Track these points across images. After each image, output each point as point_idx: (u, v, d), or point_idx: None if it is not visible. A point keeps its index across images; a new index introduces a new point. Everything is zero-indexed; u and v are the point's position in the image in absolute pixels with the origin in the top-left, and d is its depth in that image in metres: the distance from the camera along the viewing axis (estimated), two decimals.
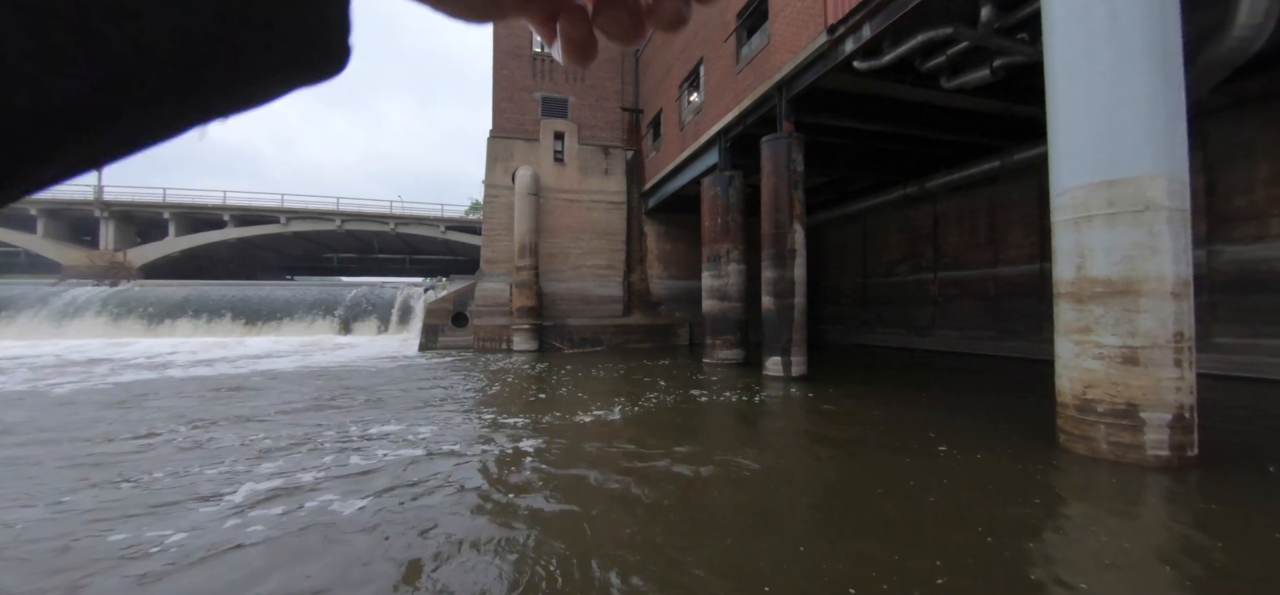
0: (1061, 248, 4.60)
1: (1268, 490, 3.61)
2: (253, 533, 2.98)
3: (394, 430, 5.46)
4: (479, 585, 2.44)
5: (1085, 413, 4.34)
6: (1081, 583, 2.48)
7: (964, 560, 2.65)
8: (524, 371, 10.87)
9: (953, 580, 2.45)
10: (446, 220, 32.76)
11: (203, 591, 2.42)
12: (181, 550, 2.79)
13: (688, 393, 8.03)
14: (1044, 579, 2.52)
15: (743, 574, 2.57)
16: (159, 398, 7.52)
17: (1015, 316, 12.84)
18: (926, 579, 2.47)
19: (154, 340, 18.97)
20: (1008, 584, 2.45)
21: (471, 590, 2.40)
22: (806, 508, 3.49)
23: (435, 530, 3.04)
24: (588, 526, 3.11)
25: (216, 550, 2.78)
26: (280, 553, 2.76)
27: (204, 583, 2.48)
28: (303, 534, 2.97)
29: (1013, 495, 3.58)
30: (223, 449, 4.72)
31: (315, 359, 13.04)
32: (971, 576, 2.50)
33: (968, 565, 2.60)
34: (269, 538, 2.93)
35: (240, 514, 3.24)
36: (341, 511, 3.30)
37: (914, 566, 2.60)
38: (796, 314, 9.44)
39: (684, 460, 4.47)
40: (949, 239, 14.84)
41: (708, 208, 12.26)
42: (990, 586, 2.42)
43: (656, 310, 18.91)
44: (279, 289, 24.48)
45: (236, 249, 32.03)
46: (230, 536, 2.93)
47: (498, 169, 17.56)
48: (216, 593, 2.41)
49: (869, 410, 6.54)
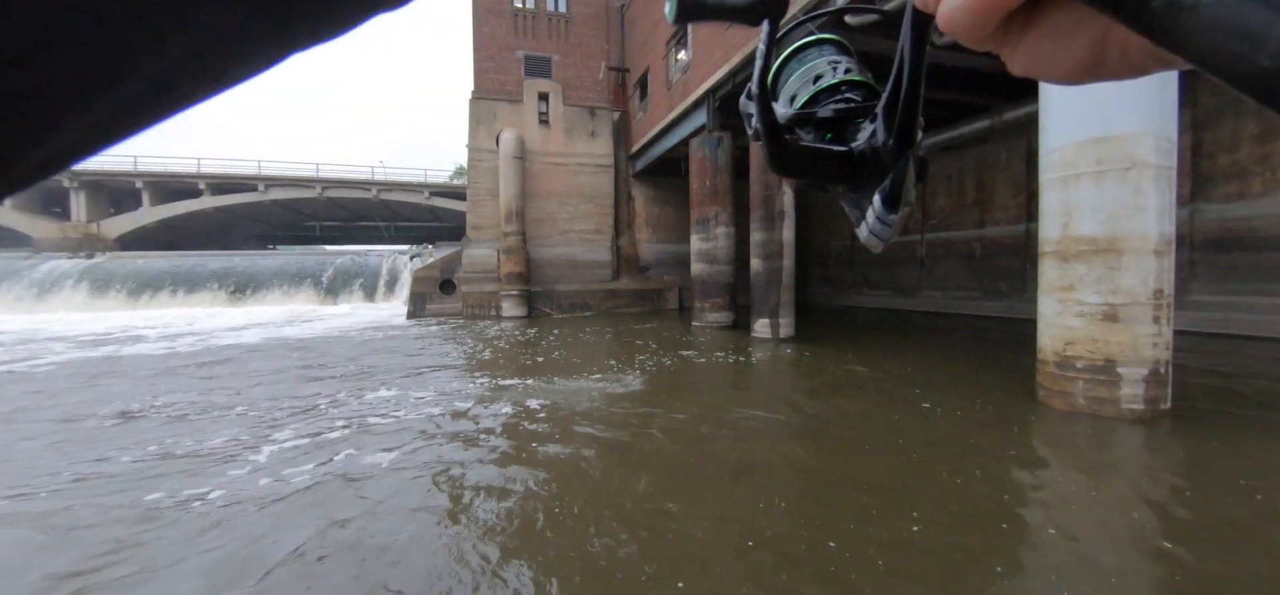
0: (1048, 206, 4.60)
1: (1233, 439, 3.74)
2: (286, 487, 3.18)
3: (398, 394, 5.52)
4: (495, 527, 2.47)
5: (1064, 369, 4.43)
6: (1050, 526, 2.57)
7: (942, 509, 2.72)
8: (515, 337, 10.85)
9: (927, 529, 2.52)
10: (430, 186, 32.11)
11: (254, 535, 2.63)
12: (226, 504, 2.99)
13: (678, 354, 8.07)
14: (1015, 523, 2.60)
15: (728, 521, 2.62)
16: (168, 372, 7.41)
17: (1000, 276, 12.99)
18: (903, 527, 2.54)
19: (136, 313, 18.62)
20: (982, 528, 2.53)
21: (485, 530, 2.43)
22: (791, 464, 3.55)
23: (449, 480, 3.13)
24: (591, 476, 3.14)
25: (256, 501, 2.95)
26: (314, 501, 3.00)
27: (253, 529, 2.70)
28: (330, 487, 3.19)
29: (991, 448, 3.67)
30: (239, 417, 4.70)
31: (303, 329, 12.89)
32: (947, 525, 2.57)
33: (945, 513, 2.67)
34: (303, 489, 3.15)
35: (272, 473, 3.42)
36: (364, 465, 3.53)
37: (893, 516, 2.66)
38: (785, 276, 9.46)
39: (673, 418, 4.51)
40: (937, 200, 14.85)
41: (696, 170, 12.10)
42: (965, 532, 2.50)
43: (645, 274, 18.87)
44: (261, 258, 24.03)
45: (214, 219, 31.23)
46: (268, 491, 3.14)
47: (481, 132, 17.12)
48: (262, 536, 2.61)
49: (855, 370, 6.64)
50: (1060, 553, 2.38)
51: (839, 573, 2.22)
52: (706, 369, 7.07)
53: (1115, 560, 2.29)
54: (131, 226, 27.44)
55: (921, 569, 2.25)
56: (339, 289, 21.16)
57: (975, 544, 2.44)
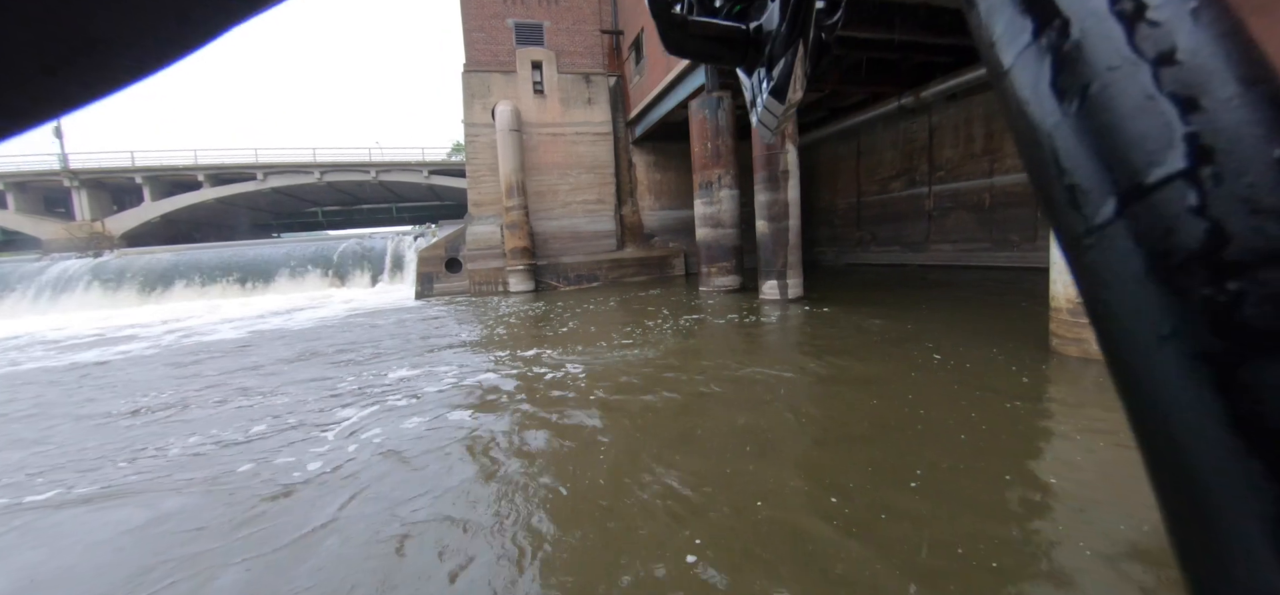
0: None
1: None
2: (364, 454, 3.59)
3: (428, 371, 5.67)
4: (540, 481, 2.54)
5: (1078, 316, 4.39)
6: (1058, 473, 2.58)
7: (951, 460, 2.74)
8: (525, 312, 10.89)
9: (929, 478, 2.54)
10: (429, 164, 31.83)
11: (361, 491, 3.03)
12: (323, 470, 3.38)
13: (687, 320, 8.08)
14: (1025, 472, 2.62)
15: (737, 480, 2.67)
16: (209, 361, 7.53)
17: (1010, 226, 12.81)
18: (902, 480, 2.57)
19: (150, 308, 18.84)
20: (990, 477, 2.55)
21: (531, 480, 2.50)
22: (801, 421, 3.58)
23: (475, 439, 3.22)
24: (620, 433, 3.20)
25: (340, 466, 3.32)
26: (387, 465, 3.40)
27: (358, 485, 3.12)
28: (403, 451, 3.52)
29: (1005, 396, 3.68)
30: (297, 401, 4.80)
31: (316, 313, 13.01)
32: (954, 475, 2.59)
33: (953, 466, 2.69)
34: (380, 453, 3.55)
35: (353, 440, 3.86)
36: (429, 431, 3.86)
37: (897, 467, 2.70)
38: (791, 236, 9.37)
39: (688, 380, 4.54)
40: (944, 151, 14.54)
41: (697, 133, 11.88)
42: (972, 483, 2.52)
43: (650, 242, 18.77)
44: (268, 247, 24.10)
45: (216, 210, 31.25)
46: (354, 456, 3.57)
47: (476, 106, 16.84)
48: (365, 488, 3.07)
49: (865, 327, 6.62)
50: (1069, 498, 2.39)
51: (843, 525, 2.25)
52: (717, 332, 7.09)
53: (1126, 505, 2.31)
54: (136, 222, 27.53)
55: (933, 526, 2.27)
56: (346, 273, 21.25)
57: (984, 495, 2.46)
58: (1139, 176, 0.16)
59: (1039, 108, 0.16)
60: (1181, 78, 0.16)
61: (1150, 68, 0.16)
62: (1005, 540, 2.14)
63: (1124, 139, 0.16)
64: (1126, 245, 0.16)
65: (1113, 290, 0.16)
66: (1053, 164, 0.17)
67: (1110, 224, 0.16)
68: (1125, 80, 0.16)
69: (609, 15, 18.08)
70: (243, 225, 36.24)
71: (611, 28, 18.06)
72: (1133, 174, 0.16)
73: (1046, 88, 0.16)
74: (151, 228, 28.12)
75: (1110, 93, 0.16)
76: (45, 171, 26.62)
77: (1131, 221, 0.16)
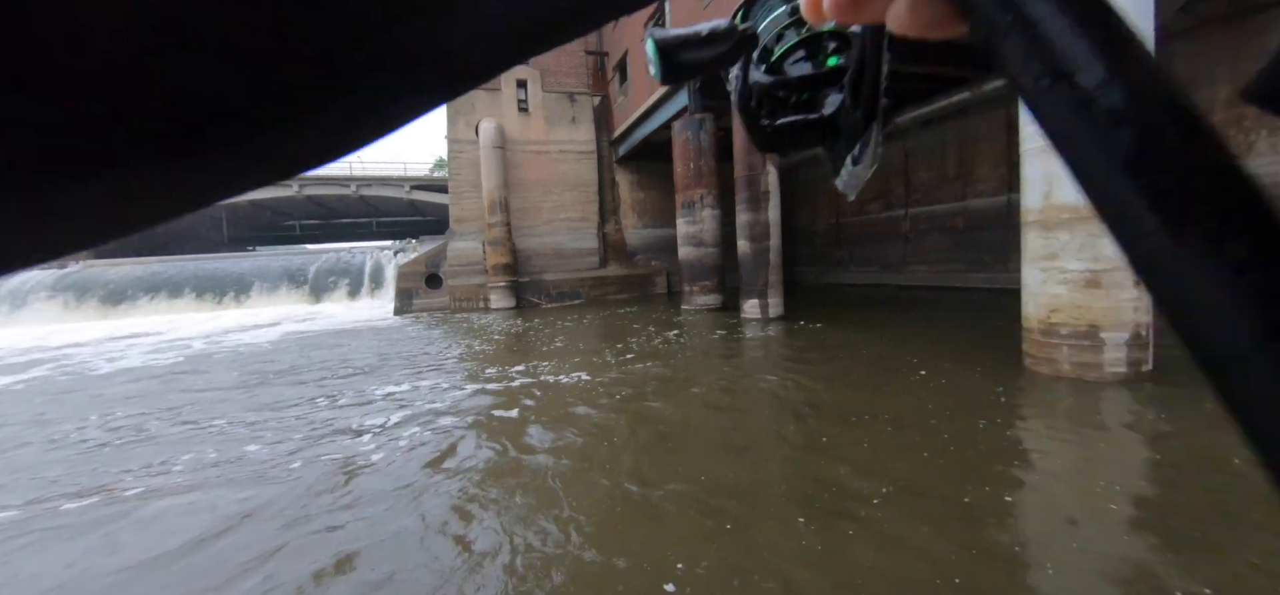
0: (1030, 176, 4.63)
1: (1212, 399, 3.83)
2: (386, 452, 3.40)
3: (409, 387, 5.42)
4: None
5: (1049, 336, 4.50)
6: (1032, 488, 2.61)
7: (923, 474, 2.76)
8: (507, 329, 10.77)
9: (897, 492, 2.55)
10: (411, 180, 31.59)
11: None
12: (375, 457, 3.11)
13: (669, 337, 8.07)
14: (998, 488, 2.64)
15: (714, 486, 2.63)
16: (122, 386, 7.24)
17: (984, 248, 13.15)
18: (871, 493, 2.57)
19: (113, 322, 18.17)
20: (958, 498, 2.56)
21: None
22: (778, 437, 3.57)
23: (460, 445, 3.08)
24: (604, 447, 3.14)
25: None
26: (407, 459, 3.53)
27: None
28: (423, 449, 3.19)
29: (979, 413, 3.73)
30: (292, 414, 4.61)
31: (287, 331, 12.68)
32: (922, 491, 2.60)
33: (926, 479, 2.71)
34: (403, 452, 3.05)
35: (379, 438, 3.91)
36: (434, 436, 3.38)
37: (868, 484, 2.70)
38: (772, 256, 9.48)
39: (668, 396, 4.51)
40: (920, 175, 14.94)
41: (679, 153, 12.02)
42: (941, 498, 2.53)
43: (633, 260, 18.81)
44: (242, 261, 23.54)
45: (189, 221, 30.48)
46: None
47: (459, 123, 16.83)
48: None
49: (844, 346, 6.69)
50: (1043, 513, 2.42)
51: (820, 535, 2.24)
52: (698, 350, 7.08)
53: (1097, 518, 2.34)
54: None
55: (908, 534, 2.27)
56: (322, 289, 20.83)
57: (954, 513, 2.48)
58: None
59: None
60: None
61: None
62: (977, 555, 2.15)
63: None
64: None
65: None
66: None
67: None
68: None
69: (594, 37, 18.30)
70: (217, 237, 35.37)
71: (597, 49, 18.28)
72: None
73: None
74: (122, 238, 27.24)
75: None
76: None
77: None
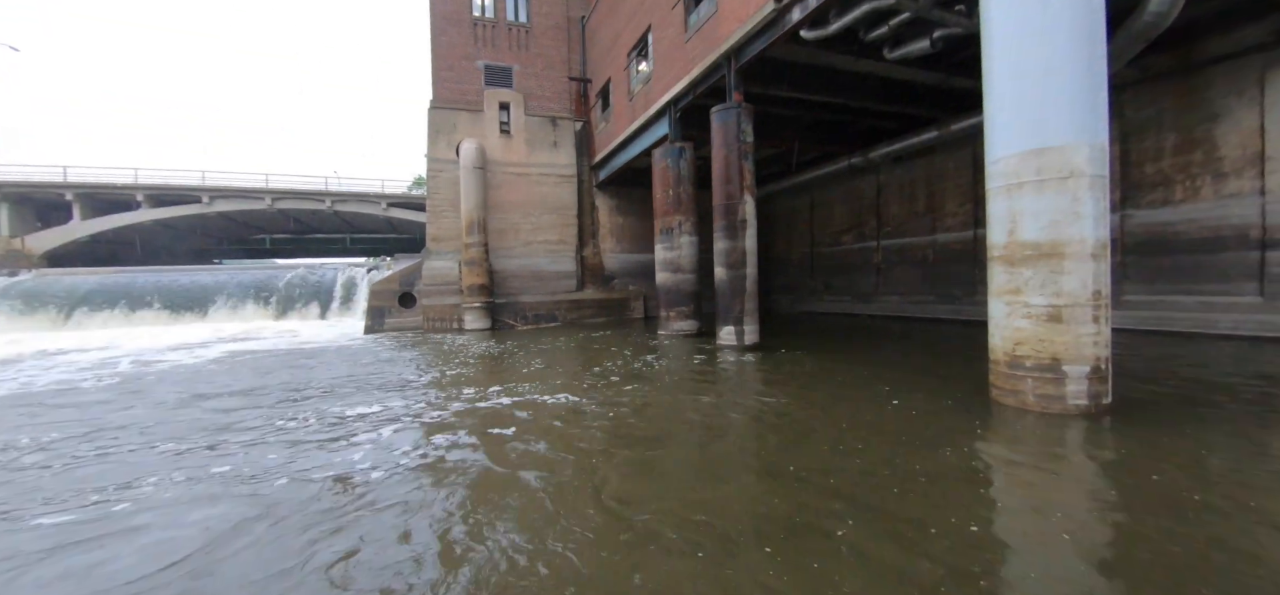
0: (995, 214, 4.80)
1: (1168, 432, 3.96)
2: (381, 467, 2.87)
3: (380, 408, 5.19)
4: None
5: (1015, 368, 4.61)
6: (996, 519, 2.63)
7: (893, 502, 2.75)
8: (481, 351, 10.56)
9: (858, 525, 2.54)
10: (388, 197, 31.21)
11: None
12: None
13: (644, 363, 8.02)
14: (958, 516, 2.65)
15: (689, 515, 2.57)
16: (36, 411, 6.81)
17: (952, 281, 13.54)
18: (840, 521, 2.55)
19: (67, 334, 17.22)
20: (933, 517, 2.56)
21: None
22: (753, 464, 3.54)
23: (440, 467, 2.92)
24: (588, 465, 3.04)
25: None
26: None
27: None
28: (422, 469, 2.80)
29: (947, 442, 3.76)
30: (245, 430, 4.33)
31: (251, 346, 12.20)
32: (885, 522, 2.59)
33: (896, 507, 2.70)
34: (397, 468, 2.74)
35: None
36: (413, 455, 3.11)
37: (833, 508, 2.68)
38: (748, 284, 9.57)
39: (644, 422, 4.44)
40: (891, 208, 15.39)
41: (659, 180, 12.15)
42: (911, 525, 2.52)
43: (610, 284, 18.79)
44: (205, 274, 22.70)
45: (153, 233, 29.43)
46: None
47: (440, 141, 16.75)
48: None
49: (818, 375, 6.74)
50: (1005, 543, 2.43)
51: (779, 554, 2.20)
52: (675, 376, 7.04)
53: (1058, 552, 2.36)
54: (61, 241, 25.59)
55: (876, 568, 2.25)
56: (290, 304, 20.19)
57: (922, 540, 2.47)
58: None
59: None
60: None
61: None
62: (946, 579, 2.13)
63: None
64: None
65: None
66: None
67: None
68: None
69: (578, 63, 18.56)
70: (182, 250, 34.17)
71: (580, 75, 18.51)
72: None
73: None
74: (79, 247, 26.15)
75: None
76: None
77: None
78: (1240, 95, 8.47)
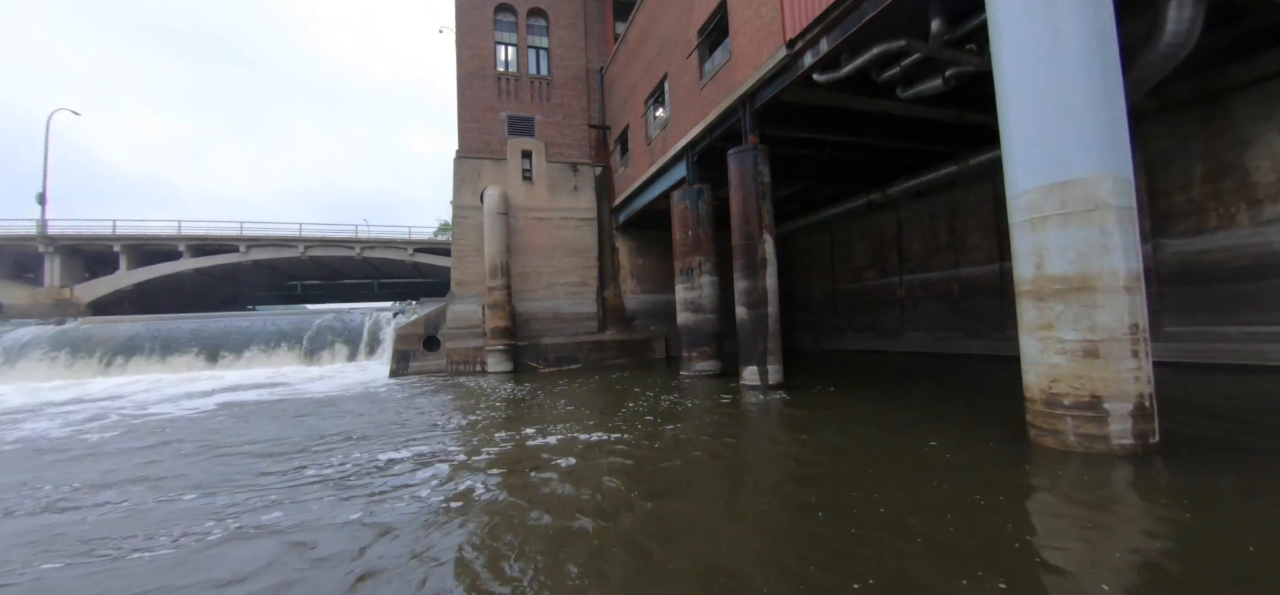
0: (1020, 248, 4.74)
1: (1225, 474, 3.75)
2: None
3: (412, 452, 5.27)
4: None
5: (1053, 407, 4.45)
6: (1050, 573, 2.51)
7: (929, 560, 2.65)
8: (504, 393, 10.62)
9: (893, 581, 2.44)
10: (414, 243, 32.14)
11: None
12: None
13: (668, 405, 7.96)
14: (1012, 575, 2.53)
15: (715, 560, 2.51)
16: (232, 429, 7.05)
17: (979, 316, 13.23)
18: (870, 572, 2.46)
19: (109, 379, 17.92)
20: (976, 578, 2.45)
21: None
22: (782, 510, 3.45)
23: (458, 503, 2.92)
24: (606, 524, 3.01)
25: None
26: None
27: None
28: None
29: (992, 493, 3.61)
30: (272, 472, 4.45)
31: (280, 393, 12.49)
32: (926, 581, 2.49)
33: (932, 566, 2.60)
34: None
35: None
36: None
37: (876, 561, 2.59)
38: (770, 323, 9.51)
39: (665, 470, 4.39)
40: (912, 243, 15.25)
41: (678, 221, 12.32)
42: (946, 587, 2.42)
43: (631, 325, 18.84)
44: (240, 320, 23.51)
45: (192, 281, 30.71)
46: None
47: (465, 189, 17.34)
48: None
49: (844, 416, 6.59)
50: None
51: None
52: (700, 419, 6.97)
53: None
54: (106, 291, 26.86)
55: None
56: (319, 349, 20.72)
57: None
58: None
59: None
60: None
61: None
62: None
63: None
64: None
65: None
66: None
67: None
68: None
69: (597, 111, 19.20)
70: (217, 297, 35.53)
71: (599, 122, 19.12)
72: None
73: None
74: (123, 296, 27.40)
75: None
76: (20, 235, 26.17)
77: None
78: (1268, 119, 8.31)
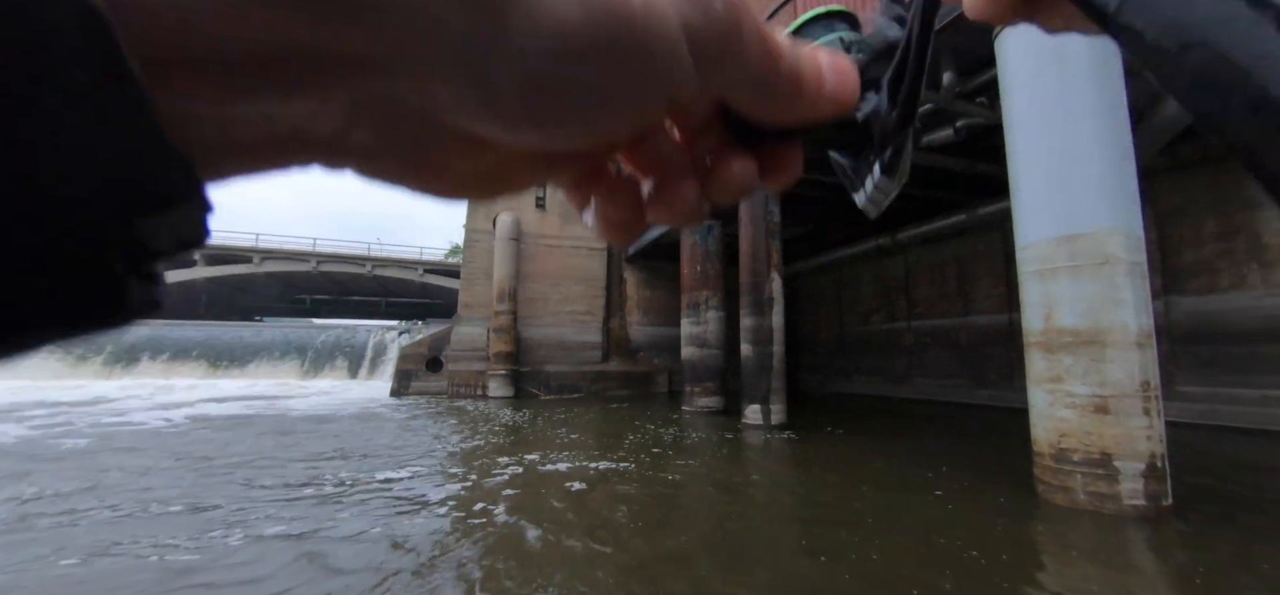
0: (1029, 299, 4.73)
1: (1241, 542, 3.64)
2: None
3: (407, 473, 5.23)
4: None
5: (1062, 462, 4.36)
6: None
7: None
8: (504, 419, 10.56)
9: None
10: (425, 263, 32.52)
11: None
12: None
13: (669, 440, 7.87)
14: None
15: None
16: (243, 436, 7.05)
17: (988, 365, 13.08)
18: None
19: (112, 382, 18.05)
20: None
21: None
22: (775, 554, 3.38)
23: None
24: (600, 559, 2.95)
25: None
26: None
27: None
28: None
29: (990, 550, 3.53)
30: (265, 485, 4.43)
31: (279, 406, 12.50)
32: None
33: None
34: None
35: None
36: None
37: None
38: (775, 362, 9.46)
39: (663, 508, 4.32)
40: (921, 289, 15.21)
41: (687, 256, 12.40)
42: None
43: (635, 357, 18.78)
44: (246, 330, 23.72)
45: (202, 290, 31.10)
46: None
47: (479, 214, 17.59)
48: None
49: (848, 461, 6.49)
50: None
51: None
52: (701, 457, 6.88)
53: None
54: None
55: None
56: (323, 363, 20.80)
57: None
58: None
59: None
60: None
61: None
62: None
63: None
64: None
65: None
66: None
67: None
68: None
69: None
70: (225, 307, 35.86)
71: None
72: None
73: None
74: None
75: None
76: None
77: None
78: None
